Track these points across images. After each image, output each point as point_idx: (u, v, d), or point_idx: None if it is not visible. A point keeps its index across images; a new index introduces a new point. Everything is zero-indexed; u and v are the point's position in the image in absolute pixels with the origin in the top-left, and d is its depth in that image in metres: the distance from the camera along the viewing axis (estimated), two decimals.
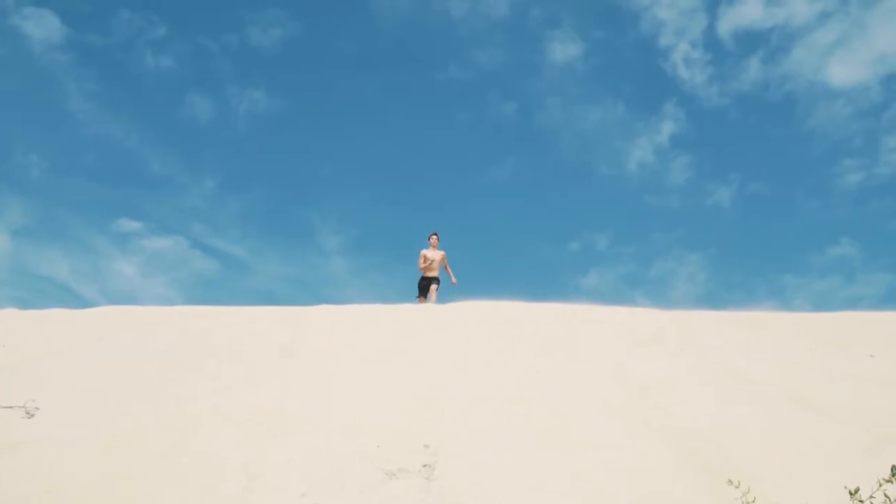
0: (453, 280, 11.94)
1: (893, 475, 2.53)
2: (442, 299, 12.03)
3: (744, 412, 4.84)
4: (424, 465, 3.94)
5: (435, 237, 12.01)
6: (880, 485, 2.60)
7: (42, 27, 19.51)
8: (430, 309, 10.11)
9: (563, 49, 21.35)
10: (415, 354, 6.88)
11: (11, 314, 11.00)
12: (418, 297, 11.94)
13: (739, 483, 2.79)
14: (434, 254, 11.90)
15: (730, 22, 20.15)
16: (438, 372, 6.13)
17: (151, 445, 4.27)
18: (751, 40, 20.63)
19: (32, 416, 4.79)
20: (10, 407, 4.89)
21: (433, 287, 11.81)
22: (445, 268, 11.98)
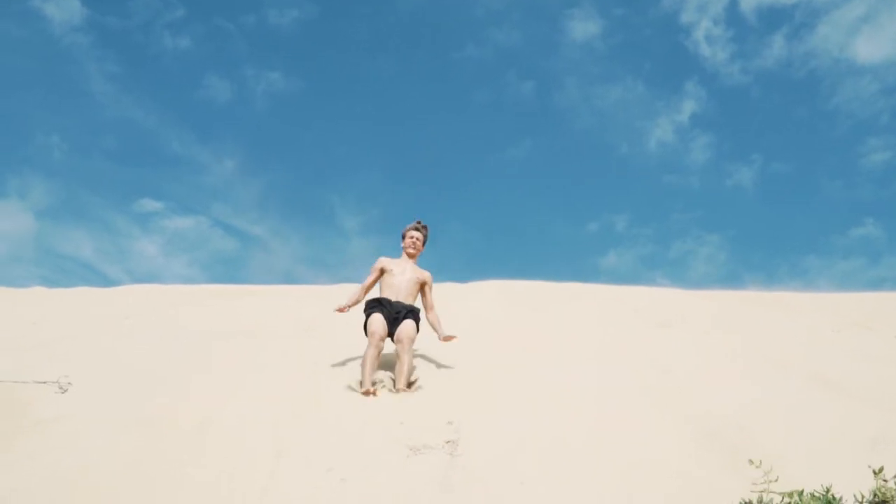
0: (441, 334, 5.69)
1: None
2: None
3: (768, 393, 4.82)
4: (448, 441, 3.99)
5: (417, 233, 5.87)
6: None
7: (62, 9, 19.70)
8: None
9: (583, 27, 21.10)
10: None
11: (40, 292, 11.23)
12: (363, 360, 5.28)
13: (761, 462, 2.80)
14: (405, 268, 5.81)
15: None
16: (460, 349, 6.17)
17: (181, 424, 4.36)
18: (774, 17, 20.24)
19: (66, 391, 4.91)
20: (45, 382, 5.01)
21: (405, 326, 5.45)
22: (425, 301, 5.84)
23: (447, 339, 5.59)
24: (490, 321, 7.67)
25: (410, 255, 5.83)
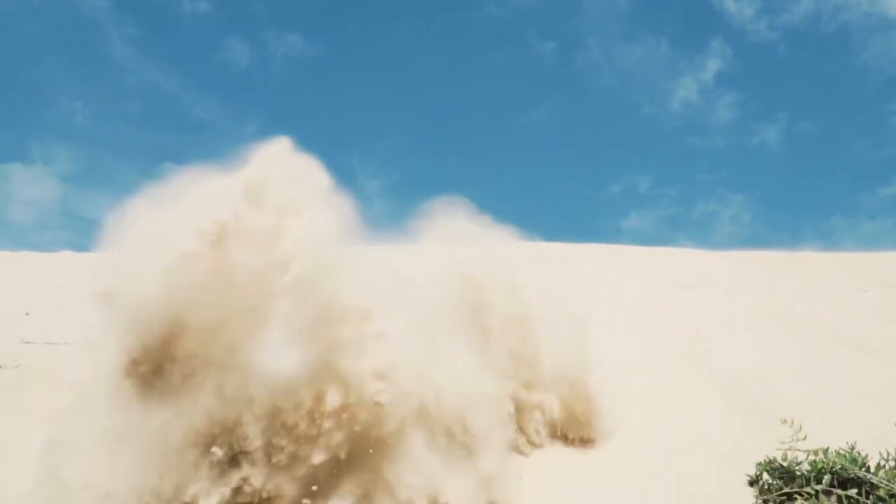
0: None
1: None
2: None
3: (792, 353, 4.80)
4: None
5: None
6: None
7: None
8: None
9: None
10: None
11: (67, 257, 11.40)
12: None
13: (793, 422, 2.79)
14: None
15: None
16: None
17: None
18: None
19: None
20: (74, 343, 5.11)
21: None
22: None
23: None
24: None
25: None
